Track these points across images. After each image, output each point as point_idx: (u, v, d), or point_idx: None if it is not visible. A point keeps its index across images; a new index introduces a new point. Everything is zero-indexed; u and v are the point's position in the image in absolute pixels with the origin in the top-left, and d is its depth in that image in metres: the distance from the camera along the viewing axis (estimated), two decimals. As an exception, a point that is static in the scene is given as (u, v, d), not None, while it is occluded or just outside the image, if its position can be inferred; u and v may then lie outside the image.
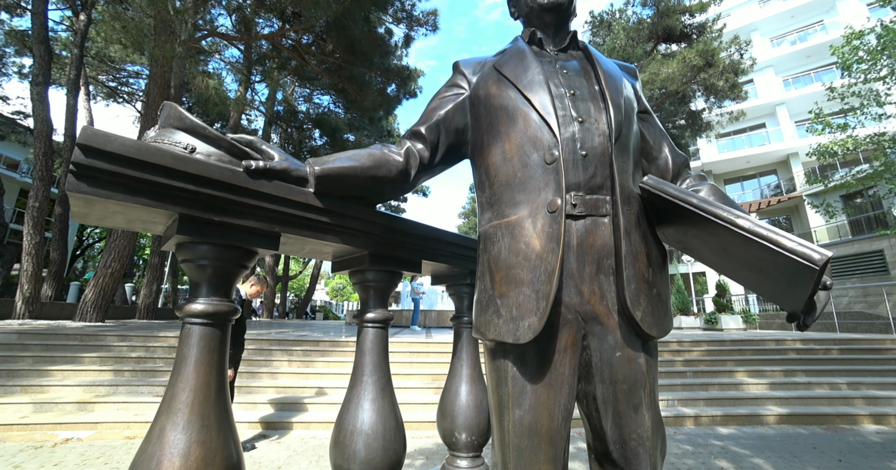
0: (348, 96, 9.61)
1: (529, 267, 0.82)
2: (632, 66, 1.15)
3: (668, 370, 5.88)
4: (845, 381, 5.54)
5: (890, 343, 7.02)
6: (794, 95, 20.62)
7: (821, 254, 0.65)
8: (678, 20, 15.48)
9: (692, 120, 17.63)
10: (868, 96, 12.58)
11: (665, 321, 0.88)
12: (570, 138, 0.89)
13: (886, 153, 12.47)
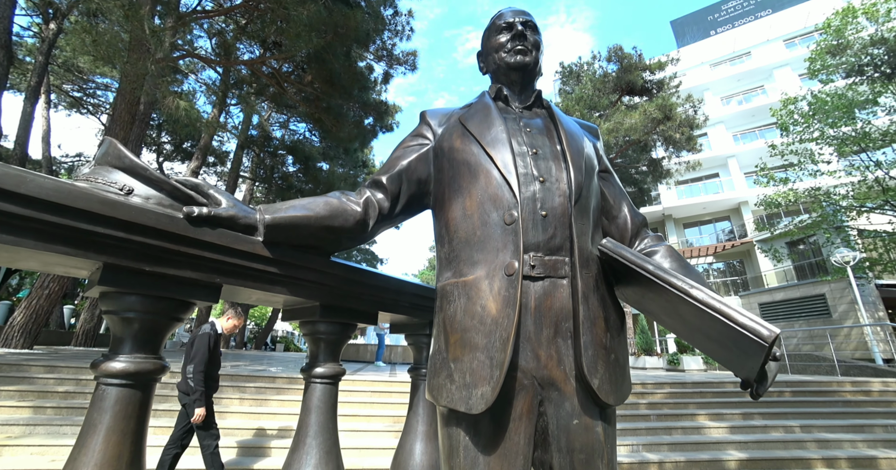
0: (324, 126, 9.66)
1: (485, 331, 0.80)
2: (593, 126, 1.19)
3: (632, 413, 5.85)
4: (798, 424, 5.68)
5: (836, 385, 7.34)
6: (742, 149, 22.56)
7: (770, 331, 0.67)
8: (639, 76, 16.89)
9: (653, 167, 18.85)
10: (804, 154, 13.93)
11: (623, 387, 0.87)
12: (531, 198, 0.88)
13: (822, 206, 13.66)
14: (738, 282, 21.41)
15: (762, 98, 23.16)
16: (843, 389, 7.20)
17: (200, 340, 3.16)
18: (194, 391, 2.98)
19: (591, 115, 17.43)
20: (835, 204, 13.38)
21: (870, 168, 12.93)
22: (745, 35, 25.91)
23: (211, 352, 3.18)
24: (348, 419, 5.16)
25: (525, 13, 1.11)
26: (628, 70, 16.67)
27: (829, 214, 13.60)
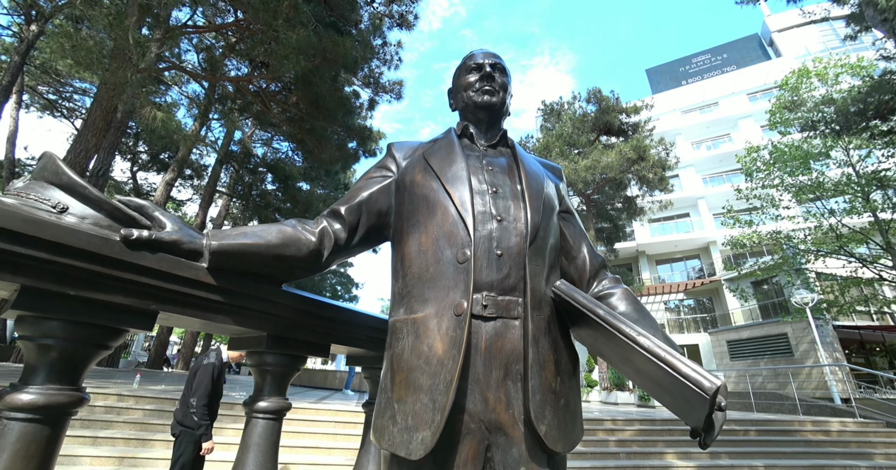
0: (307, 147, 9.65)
1: (430, 372, 0.78)
2: (557, 167, 1.22)
3: (602, 451, 5.76)
4: (762, 463, 5.70)
5: (798, 424, 7.46)
6: (711, 192, 23.75)
7: (711, 383, 0.67)
8: (616, 118, 17.82)
9: (628, 204, 19.58)
10: (766, 199, 14.79)
11: (573, 434, 0.84)
12: (487, 236, 0.88)
13: (783, 248, 14.38)
14: (707, 319, 21.92)
15: (728, 145, 24.67)
16: (805, 429, 7.32)
17: (204, 371, 3.02)
18: (199, 426, 2.89)
19: (570, 152, 18.11)
20: (794, 247, 14.11)
21: (824, 215, 13.79)
22: (714, 87, 27.91)
23: (214, 383, 3.05)
24: (308, 452, 4.87)
25: (495, 56, 1.15)
26: (606, 111, 17.58)
27: (789, 257, 14.31)
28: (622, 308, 0.95)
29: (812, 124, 13.06)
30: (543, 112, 19.74)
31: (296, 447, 4.91)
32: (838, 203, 13.95)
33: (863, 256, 13.20)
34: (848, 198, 13.53)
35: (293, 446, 4.90)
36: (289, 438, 5.13)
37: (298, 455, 4.76)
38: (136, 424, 4.90)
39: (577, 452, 5.65)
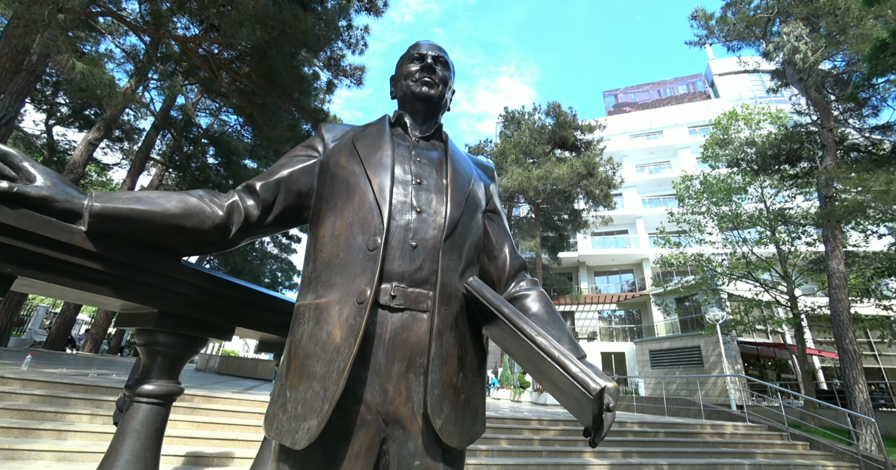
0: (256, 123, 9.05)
1: (326, 359, 0.75)
2: (490, 167, 1.22)
3: (526, 449, 5.98)
4: (667, 462, 6.21)
5: (699, 427, 8.23)
6: (649, 212, 25.63)
7: (597, 384, 0.69)
8: (571, 133, 18.68)
9: (574, 217, 20.58)
10: (694, 224, 16.22)
11: (472, 429, 0.84)
12: (404, 227, 0.87)
13: (703, 270, 15.84)
14: (634, 329, 23.59)
15: (668, 171, 26.77)
16: (705, 431, 8.09)
17: None
18: None
19: (525, 161, 18.70)
20: (713, 270, 15.60)
21: (739, 243, 15.39)
22: (660, 116, 30.17)
23: None
24: (228, 444, 4.58)
25: (440, 49, 1.14)
26: (563, 126, 18.37)
27: (708, 278, 15.79)
28: (534, 309, 0.97)
29: (736, 162, 14.55)
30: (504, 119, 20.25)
31: (214, 439, 4.60)
32: (751, 234, 15.60)
33: (765, 281, 14.87)
34: (759, 230, 15.18)
35: (211, 438, 4.60)
36: (207, 430, 4.82)
37: (217, 447, 4.47)
38: (21, 411, 4.33)
39: (503, 449, 5.82)
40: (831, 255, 10.58)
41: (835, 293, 10.28)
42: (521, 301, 0.99)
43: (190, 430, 4.67)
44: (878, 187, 9.30)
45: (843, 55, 11.70)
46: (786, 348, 16.76)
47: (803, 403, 11.73)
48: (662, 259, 16.20)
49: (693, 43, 14.87)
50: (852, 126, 12.60)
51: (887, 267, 12.87)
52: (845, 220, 10.82)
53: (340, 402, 0.73)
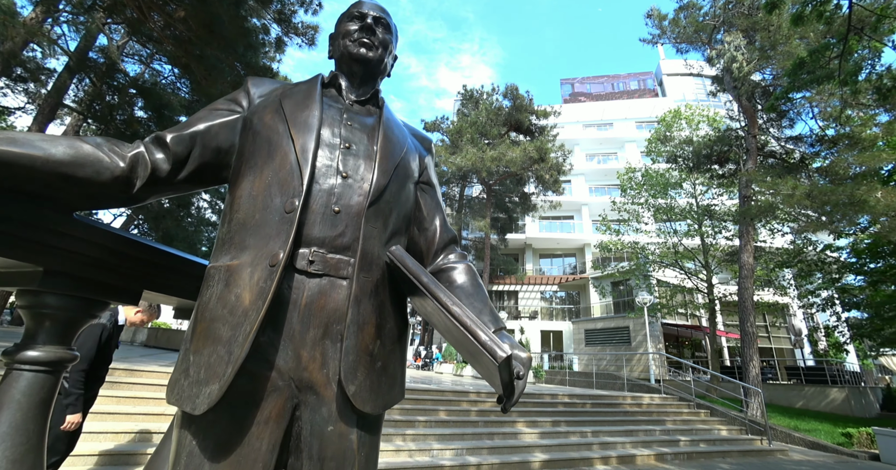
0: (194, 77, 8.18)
1: (233, 322, 0.73)
2: (428, 139, 1.20)
3: (463, 420, 6.26)
4: (591, 430, 6.80)
5: (621, 399, 9.06)
6: (594, 200, 26.95)
7: (504, 352, 0.72)
8: (527, 117, 18.97)
9: (524, 200, 21.16)
10: (633, 214, 17.35)
11: (387, 396, 0.85)
12: (328, 191, 0.85)
13: (637, 257, 17.11)
14: (573, 310, 25.14)
15: (615, 162, 28.16)
16: (626, 402, 8.92)
17: (89, 332, 2.49)
18: (68, 394, 2.41)
19: (480, 141, 18.81)
20: (646, 257, 16.92)
21: (670, 234, 16.76)
22: (612, 109, 31.44)
23: (101, 347, 2.56)
24: (151, 420, 4.34)
25: (382, 10, 1.10)
26: (519, 109, 18.59)
27: (641, 265, 17.11)
28: (460, 281, 0.98)
29: (675, 158, 15.64)
30: (463, 97, 20.12)
31: (136, 414, 4.34)
32: (681, 226, 17.04)
33: (689, 270, 16.40)
34: (688, 223, 16.60)
35: (133, 414, 4.33)
36: (129, 405, 4.52)
37: (139, 423, 4.21)
38: None
39: (442, 420, 6.04)
40: (744, 249, 11.82)
41: (743, 283, 11.56)
42: (447, 273, 1.00)
43: (108, 405, 4.36)
44: (786, 191, 10.49)
45: (771, 69, 12.78)
46: (700, 330, 18.74)
47: (709, 378, 13.27)
48: (602, 245, 17.31)
49: (646, 41, 15.51)
50: (772, 135, 13.94)
51: (785, 260, 14.72)
52: (758, 219, 12.10)
53: (250, 367, 0.72)
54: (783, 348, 21.03)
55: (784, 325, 21.30)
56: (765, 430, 8.26)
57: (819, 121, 12.70)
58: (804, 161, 12.83)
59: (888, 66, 6.09)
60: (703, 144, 14.54)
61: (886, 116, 11.77)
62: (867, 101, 10.65)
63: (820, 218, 11.25)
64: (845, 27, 5.53)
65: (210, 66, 7.64)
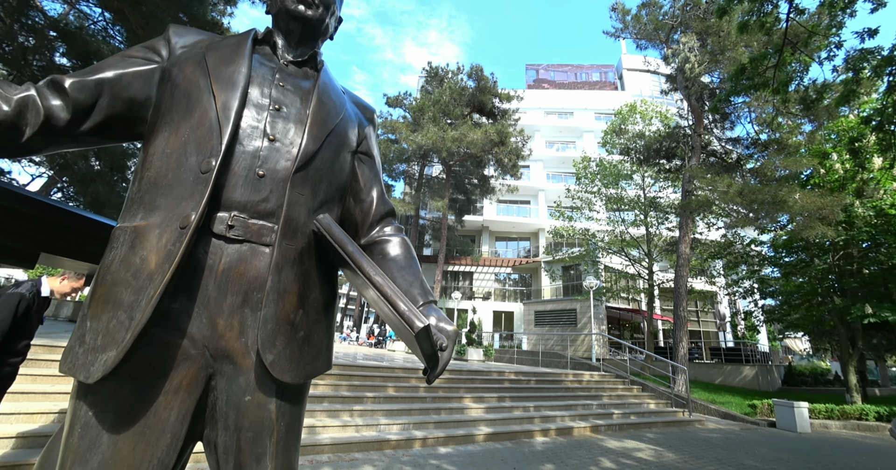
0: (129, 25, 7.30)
1: (136, 287, 0.68)
2: (371, 109, 1.16)
3: (411, 395, 6.37)
4: (533, 404, 7.18)
5: (563, 376, 9.62)
6: (551, 187, 27.68)
7: (421, 322, 0.72)
8: (490, 100, 18.93)
9: (483, 182, 21.33)
10: (586, 202, 18.05)
11: (309, 366, 0.82)
12: (252, 154, 0.81)
13: (588, 243, 17.90)
14: (524, 292, 26.07)
15: (572, 151, 28.96)
16: (567, 379, 9.48)
17: (6, 301, 2.26)
18: None
19: (443, 120, 18.60)
20: (595, 244, 17.76)
21: (618, 223, 17.67)
22: (573, 98, 32.06)
23: (17, 319, 2.31)
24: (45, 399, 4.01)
25: None
26: (483, 91, 18.49)
27: (590, 251, 17.96)
28: (393, 254, 0.97)
29: (627, 151, 16.35)
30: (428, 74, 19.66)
31: (54, 394, 4.01)
32: (629, 216, 17.99)
33: (634, 257, 17.44)
34: (636, 213, 17.54)
35: (51, 392, 3.99)
36: (46, 384, 4.16)
37: (58, 403, 3.90)
38: None
39: (389, 396, 6.11)
40: (683, 239, 12.72)
41: (679, 271, 12.49)
42: (381, 245, 0.99)
43: (25, 384, 3.99)
44: (722, 189, 11.33)
45: (719, 72, 13.52)
46: (640, 313, 20.14)
47: (644, 357, 14.38)
48: (556, 231, 17.92)
49: (610, 34, 15.79)
50: (715, 135, 14.90)
51: (717, 252, 16.07)
52: (697, 212, 13.01)
53: (158, 334, 0.69)
54: (709, 331, 23.19)
55: (711, 310, 23.42)
56: (687, 403, 9.13)
57: (755, 125, 13.72)
58: (740, 162, 13.87)
59: (814, 80, 6.63)
60: (653, 139, 15.27)
61: (810, 126, 12.95)
62: (795, 111, 11.61)
63: (748, 215, 12.29)
64: (782, 40, 5.93)
65: (149, 15, 6.83)
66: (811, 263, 12.66)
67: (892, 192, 10.92)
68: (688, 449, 5.91)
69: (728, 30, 11.60)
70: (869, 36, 5.83)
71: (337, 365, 6.78)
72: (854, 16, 5.87)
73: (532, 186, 27.66)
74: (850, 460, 5.93)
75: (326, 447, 4.37)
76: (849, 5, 5.69)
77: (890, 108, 6.06)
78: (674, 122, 16.05)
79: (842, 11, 5.79)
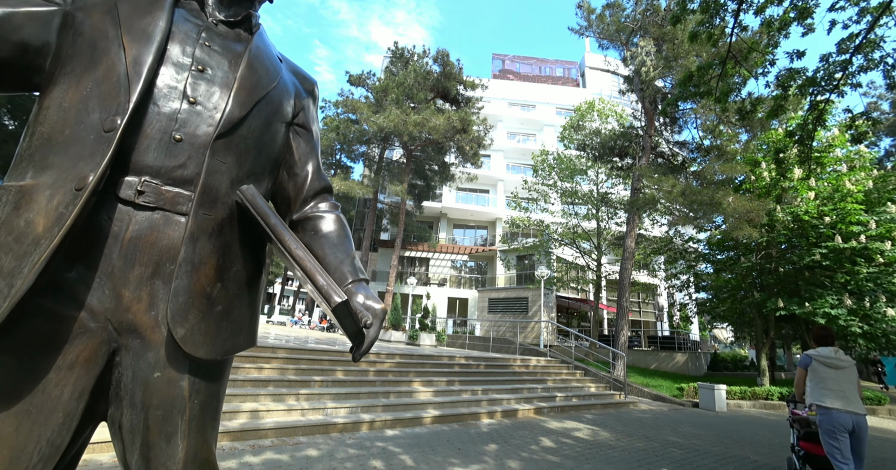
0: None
1: (19, 252, 0.62)
2: (311, 80, 1.10)
3: (361, 379, 6.34)
4: (481, 388, 7.40)
5: (512, 361, 9.97)
6: (510, 177, 28.14)
7: (339, 297, 0.71)
8: (455, 86, 18.79)
9: (443, 169, 21.29)
10: (542, 194, 18.56)
11: (228, 342, 0.78)
12: (168, 116, 0.75)
13: (542, 234, 18.49)
14: (479, 279, 26.57)
15: (532, 144, 29.51)
16: (515, 364, 9.83)
17: None
18: None
19: (406, 104, 18.26)
20: (549, 235, 18.39)
21: (572, 216, 18.37)
22: (537, 92, 32.54)
23: None
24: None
25: None
26: (448, 77, 18.30)
27: (544, 242, 18.57)
28: (325, 230, 0.94)
29: (584, 147, 16.94)
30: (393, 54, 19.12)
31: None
32: (582, 210, 18.75)
33: (584, 249, 18.27)
34: (588, 207, 18.30)
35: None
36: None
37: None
38: None
39: (339, 380, 6.05)
40: (629, 234, 13.46)
41: (625, 264, 13.24)
42: (313, 221, 0.96)
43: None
44: (667, 188, 12.08)
45: (671, 78, 14.24)
46: (587, 303, 21.22)
47: (588, 344, 15.22)
48: (512, 221, 18.32)
49: (574, 31, 16.09)
50: (664, 137, 15.77)
51: (659, 248, 17.21)
52: (643, 209, 13.79)
53: (50, 306, 0.64)
54: (649, 321, 24.92)
55: (651, 301, 25.16)
56: (624, 386, 9.80)
57: (700, 131, 14.67)
58: (684, 164, 14.81)
59: (750, 94, 7.17)
60: (608, 137, 15.91)
61: (746, 136, 14.06)
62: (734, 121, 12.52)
63: (688, 214, 13.22)
64: (726, 52, 6.34)
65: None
66: (738, 261, 13.89)
67: (807, 200, 12.15)
68: (621, 428, 6.36)
69: (682, 38, 12.21)
70: (797, 57, 6.40)
71: (285, 349, 6.58)
72: (788, 37, 6.36)
73: (492, 176, 27.97)
74: (754, 434, 6.69)
75: (270, 432, 4.26)
76: (784, 27, 6.17)
77: (810, 125, 6.70)
78: (628, 122, 16.77)
79: (778, 32, 6.27)
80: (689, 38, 6.83)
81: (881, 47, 6.02)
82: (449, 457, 4.13)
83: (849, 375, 3.42)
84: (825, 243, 11.36)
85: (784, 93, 6.46)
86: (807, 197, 12.17)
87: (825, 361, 3.48)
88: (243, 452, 3.74)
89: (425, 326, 15.41)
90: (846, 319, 10.81)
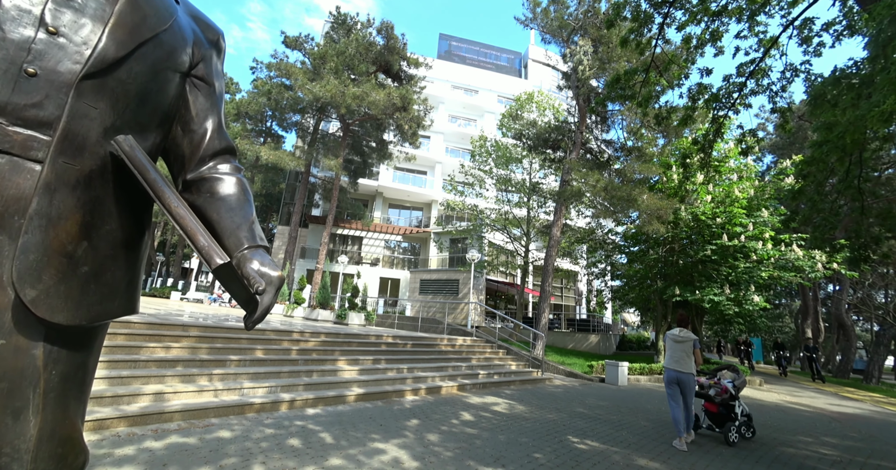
0: None
1: None
2: (217, 29, 0.99)
3: (282, 358, 6.09)
4: (407, 366, 7.50)
5: (439, 341, 10.24)
6: (448, 160, 28.24)
7: (221, 258, 0.68)
8: (398, 61, 18.21)
9: (381, 147, 20.75)
10: (478, 179, 18.96)
11: (99, 307, 0.71)
12: (17, 44, 0.65)
13: (476, 219, 18.96)
14: (412, 260, 26.63)
15: (472, 128, 29.79)
16: (442, 343, 10.11)
17: None
18: None
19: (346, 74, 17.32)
20: (482, 220, 18.91)
21: (505, 203, 19.05)
22: (481, 78, 32.70)
23: None
24: None
25: None
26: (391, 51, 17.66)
27: (478, 226, 19.08)
28: (223, 193, 0.87)
29: (520, 136, 17.51)
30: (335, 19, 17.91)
31: None
32: (514, 197, 19.49)
33: (514, 235, 19.09)
34: (520, 195, 19.07)
35: None
36: None
37: None
38: None
39: (258, 359, 5.75)
40: (555, 224, 14.29)
41: (549, 251, 14.09)
42: (210, 183, 0.88)
43: None
44: (592, 183, 12.99)
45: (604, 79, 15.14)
46: (514, 287, 22.30)
47: (513, 325, 16.11)
48: (448, 203, 18.52)
49: (520, 21, 16.30)
50: (594, 135, 16.83)
51: (582, 237, 18.57)
52: (570, 201, 14.69)
53: None
54: (569, 305, 26.98)
55: (572, 287, 27.20)
56: (541, 364, 10.56)
57: (625, 132, 15.87)
58: (609, 161, 15.98)
59: (667, 102, 7.93)
60: (544, 130, 16.57)
61: (663, 140, 15.52)
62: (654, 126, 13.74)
63: (609, 208, 14.36)
64: (650, 61, 6.89)
65: None
66: (647, 253, 15.48)
67: (705, 202, 13.86)
68: (535, 401, 6.88)
69: (615, 42, 12.97)
70: (706, 74, 7.20)
71: (197, 326, 6.08)
72: (703, 55, 7.09)
73: (430, 158, 27.86)
74: (647, 404, 7.65)
75: (176, 414, 3.94)
76: (700, 46, 6.87)
77: (710, 136, 7.59)
78: (563, 116, 17.58)
79: (695, 49, 6.95)
80: (620, 43, 7.28)
81: (769, 75, 6.98)
82: (370, 433, 4.16)
83: (685, 347, 4.89)
84: (715, 241, 13.09)
85: (693, 104, 7.21)
86: (705, 200, 13.84)
87: (673, 337, 5.00)
88: (143, 437, 3.43)
89: (354, 305, 15.17)
90: (724, 304, 12.69)
